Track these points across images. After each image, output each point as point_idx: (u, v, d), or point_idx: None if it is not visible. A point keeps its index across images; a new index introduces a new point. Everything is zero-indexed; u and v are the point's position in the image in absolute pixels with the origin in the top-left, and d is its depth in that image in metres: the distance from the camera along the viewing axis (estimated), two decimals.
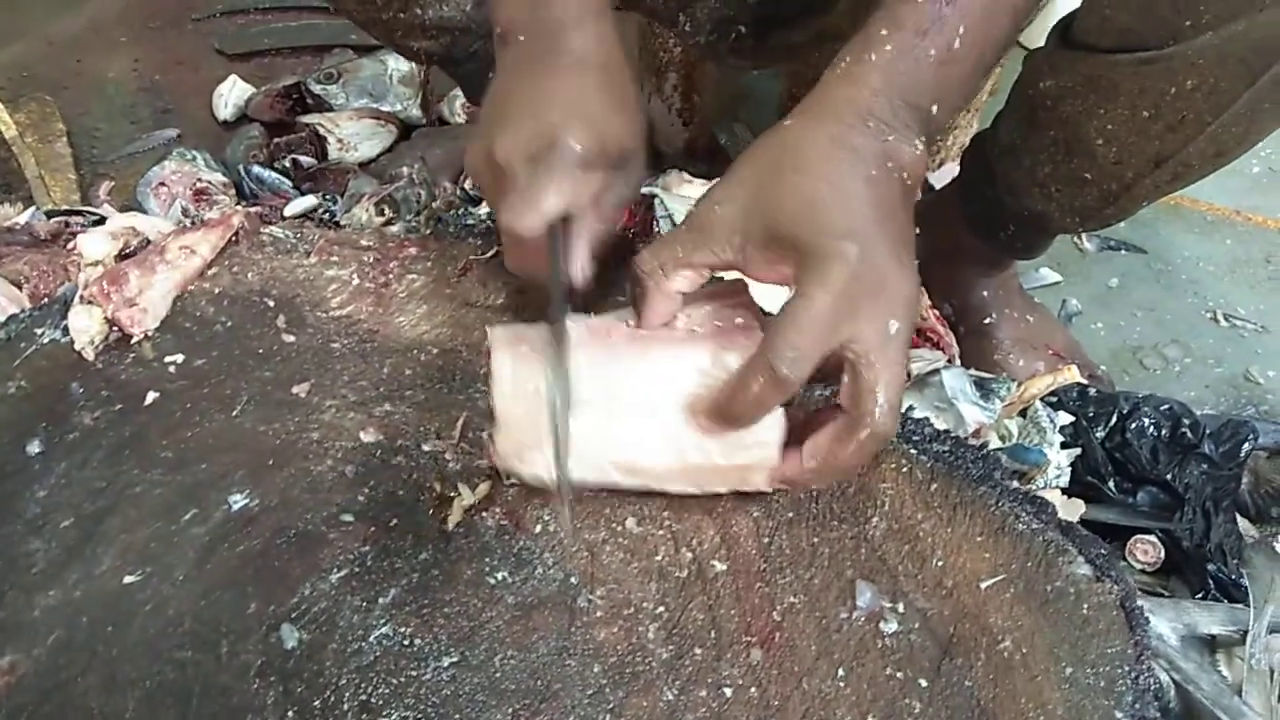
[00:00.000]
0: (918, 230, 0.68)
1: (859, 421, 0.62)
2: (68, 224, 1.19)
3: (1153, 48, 0.84)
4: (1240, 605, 0.86)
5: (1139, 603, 0.70)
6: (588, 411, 0.66)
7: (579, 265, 0.73)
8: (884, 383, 0.61)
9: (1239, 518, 1.05)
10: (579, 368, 0.66)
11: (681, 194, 1.19)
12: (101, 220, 1.24)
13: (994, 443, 1.06)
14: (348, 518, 0.69)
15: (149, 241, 0.91)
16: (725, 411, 0.64)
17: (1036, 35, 1.03)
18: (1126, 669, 0.66)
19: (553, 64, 0.75)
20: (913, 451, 0.77)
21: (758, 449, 0.67)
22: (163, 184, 1.44)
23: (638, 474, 0.69)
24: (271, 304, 0.86)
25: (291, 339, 0.83)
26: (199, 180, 1.44)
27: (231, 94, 1.67)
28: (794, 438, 0.67)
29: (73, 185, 1.51)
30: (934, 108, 0.68)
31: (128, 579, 0.67)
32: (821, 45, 1.28)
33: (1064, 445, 1.06)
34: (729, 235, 0.65)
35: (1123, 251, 1.50)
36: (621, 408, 0.66)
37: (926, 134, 0.68)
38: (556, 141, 0.70)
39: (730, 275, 0.71)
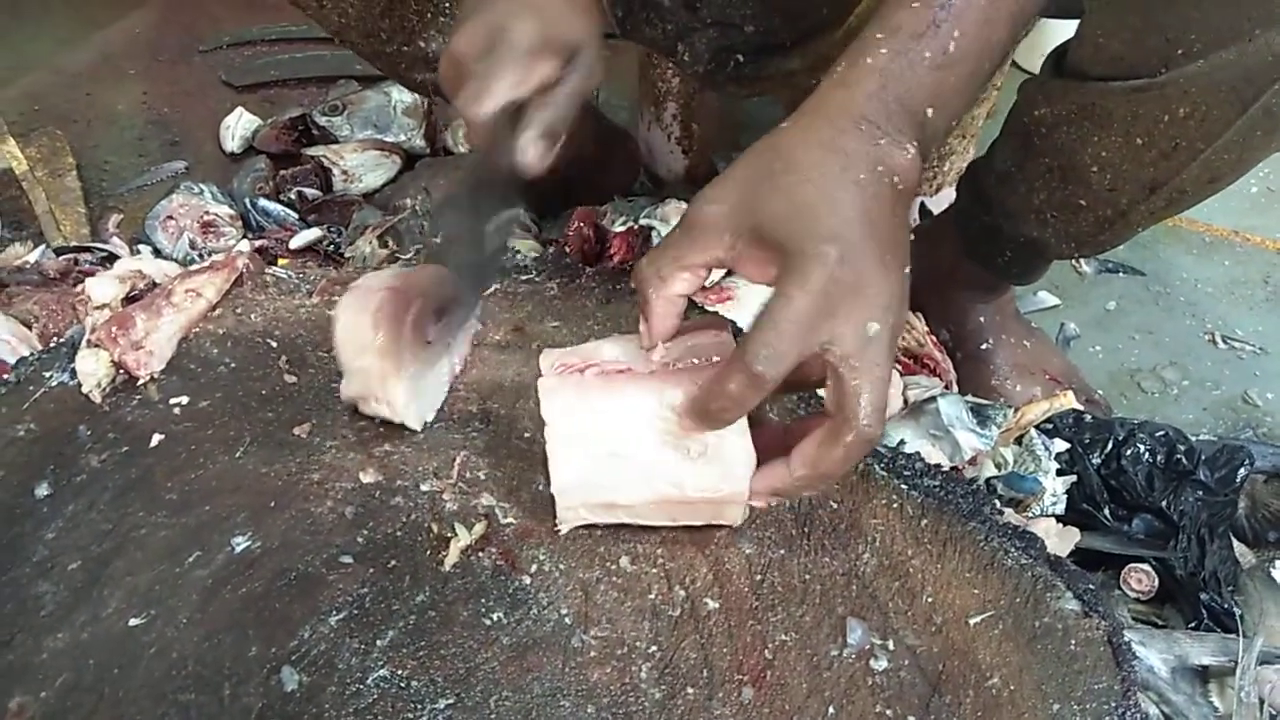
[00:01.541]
0: (914, 255, 0.67)
1: (844, 425, 0.62)
2: (76, 261, 1.21)
3: (1145, 75, 0.85)
4: (1233, 635, 0.87)
5: (1126, 637, 0.71)
6: (565, 454, 0.68)
7: (529, 149, 0.76)
8: (867, 385, 0.62)
9: (1236, 543, 1.06)
10: (554, 414, 0.68)
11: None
12: (110, 256, 1.27)
13: (989, 470, 1.08)
14: (347, 559, 0.71)
15: (155, 284, 0.93)
16: (703, 410, 0.65)
17: (1034, 58, 1.04)
18: (1113, 705, 0.67)
19: None
20: (903, 487, 0.79)
21: (728, 483, 0.68)
22: (170, 217, 1.46)
23: (613, 510, 0.71)
24: (274, 345, 0.88)
25: (293, 379, 0.85)
26: (206, 213, 1.46)
27: (238, 126, 1.70)
28: (780, 451, 0.67)
29: (82, 219, 1.54)
30: (929, 111, 0.68)
31: (133, 621, 0.69)
32: (817, 72, 1.29)
33: (1059, 472, 1.07)
34: (720, 234, 0.65)
35: (1121, 274, 1.51)
36: (596, 448, 0.68)
37: (921, 139, 0.68)
38: (504, 34, 0.74)
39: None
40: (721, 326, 0.74)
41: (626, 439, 0.68)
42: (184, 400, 0.83)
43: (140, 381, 0.85)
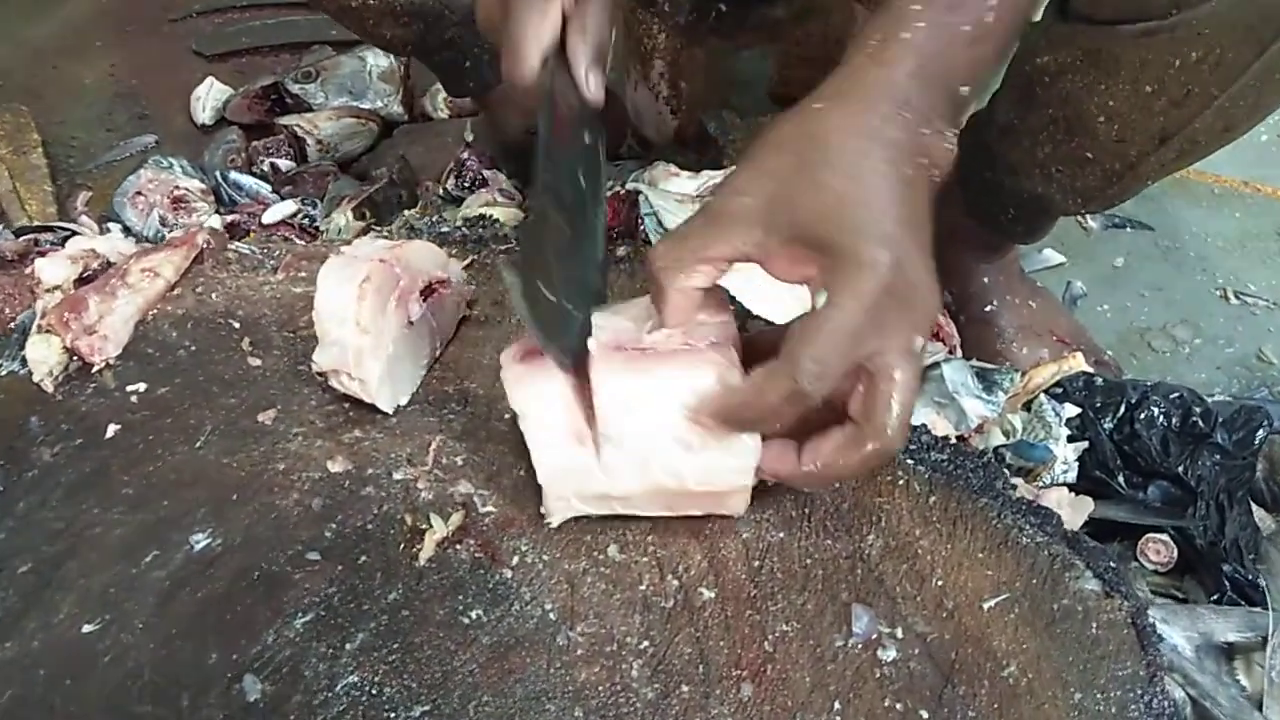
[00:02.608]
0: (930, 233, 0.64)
1: (869, 435, 0.59)
2: (36, 242, 1.15)
3: (1155, 18, 0.80)
4: (1258, 609, 0.82)
5: (1150, 618, 0.66)
6: (546, 441, 0.63)
7: (589, 83, 0.71)
8: (899, 398, 0.58)
9: (1255, 508, 1.01)
10: (526, 401, 0.64)
11: (667, 189, 1.15)
12: (73, 236, 1.21)
13: (998, 438, 1.03)
14: (314, 556, 0.66)
15: (110, 264, 0.87)
16: (734, 417, 0.61)
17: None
18: (1139, 692, 0.62)
19: None
20: (909, 462, 0.74)
21: (734, 475, 0.64)
22: (139, 193, 1.41)
23: (607, 501, 0.66)
24: (237, 325, 0.83)
25: (257, 362, 0.80)
26: (176, 188, 1.40)
27: (209, 96, 1.63)
28: (787, 433, 0.63)
29: (49, 197, 1.48)
30: (964, 90, 0.63)
31: (87, 628, 0.64)
32: (804, 21, 1.24)
33: (1070, 439, 1.02)
34: (749, 228, 0.60)
35: (1128, 229, 1.46)
36: (582, 435, 0.63)
37: (956, 122, 0.63)
38: None
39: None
40: (721, 305, 0.68)
41: (621, 426, 0.63)
42: (141, 387, 0.78)
43: (95, 368, 0.80)
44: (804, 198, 0.59)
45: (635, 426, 0.62)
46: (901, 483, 0.72)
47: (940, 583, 0.67)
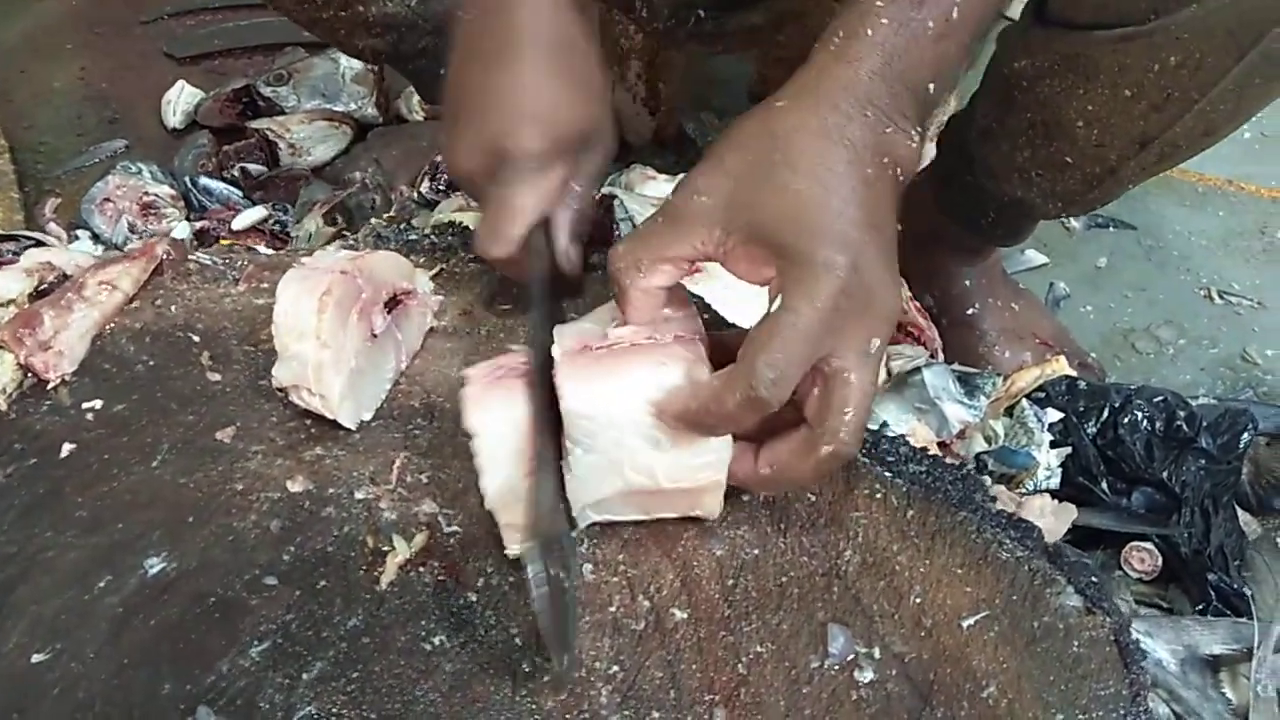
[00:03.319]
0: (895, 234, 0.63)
1: (822, 438, 0.58)
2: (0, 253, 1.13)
3: (1133, 23, 0.79)
4: (1244, 620, 0.81)
5: (1134, 634, 0.65)
6: (505, 473, 0.61)
7: (564, 255, 0.74)
8: (855, 402, 0.57)
9: (1240, 512, 1.00)
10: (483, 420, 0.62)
11: (643, 193, 1.13)
12: (39, 246, 1.19)
13: (979, 445, 1.01)
14: (271, 580, 0.64)
15: (67, 276, 0.85)
16: (695, 421, 0.59)
17: (1013, 3, 0.97)
18: (1121, 712, 0.61)
19: (500, 48, 0.72)
20: (887, 474, 0.72)
21: (707, 470, 0.62)
22: (108, 200, 1.39)
23: (580, 511, 0.64)
24: (196, 339, 0.80)
25: (217, 378, 0.78)
26: (145, 194, 1.38)
27: (180, 100, 1.61)
28: (752, 433, 0.62)
29: (16, 205, 1.45)
30: (930, 86, 0.62)
31: (36, 657, 0.61)
32: (782, 27, 1.22)
33: (1053, 444, 1.01)
34: (709, 228, 0.60)
35: (1111, 229, 1.45)
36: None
37: (921, 119, 0.63)
38: (506, 153, 0.70)
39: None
40: (683, 301, 0.66)
41: (589, 427, 0.61)
42: (97, 404, 0.76)
43: (50, 385, 0.77)
44: (762, 198, 0.58)
45: (603, 427, 0.61)
46: (879, 496, 0.71)
47: (918, 600, 0.65)
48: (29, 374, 0.78)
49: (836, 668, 0.62)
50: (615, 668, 0.61)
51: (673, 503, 0.65)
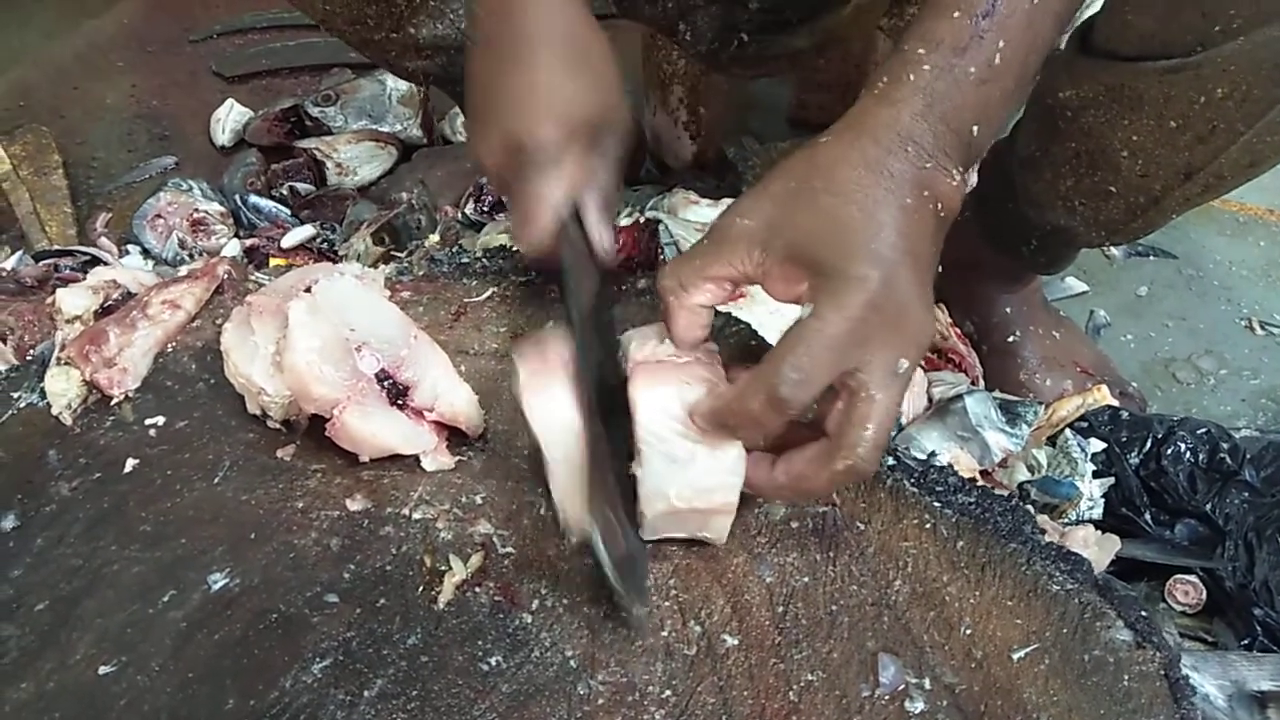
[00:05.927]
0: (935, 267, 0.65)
1: (840, 451, 0.59)
2: (56, 267, 1.16)
3: (1179, 55, 0.79)
4: None
5: (1183, 669, 0.65)
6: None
7: (599, 240, 0.76)
8: (876, 420, 0.59)
9: None
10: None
11: (687, 218, 1.14)
12: (94, 261, 1.21)
13: (1021, 474, 1.01)
14: (332, 598, 0.65)
15: (130, 294, 0.87)
16: (719, 419, 0.62)
17: None
18: None
19: (511, 47, 0.75)
20: (936, 505, 0.72)
21: (719, 494, 0.64)
22: (159, 216, 1.41)
23: None
24: None
25: None
26: (195, 211, 1.41)
27: (229, 118, 1.64)
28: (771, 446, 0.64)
29: (69, 219, 1.48)
30: (975, 129, 0.64)
31: (103, 669, 0.63)
32: (825, 50, 1.24)
33: (1096, 474, 1.01)
34: (749, 248, 0.63)
35: (1151, 257, 1.44)
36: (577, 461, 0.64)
37: (966, 161, 0.65)
38: (524, 147, 0.73)
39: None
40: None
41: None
42: (160, 421, 0.78)
43: (114, 401, 0.79)
44: (800, 219, 0.61)
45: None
46: (928, 526, 0.71)
47: (969, 631, 0.66)
48: (94, 390, 0.80)
49: (887, 697, 0.62)
50: (668, 692, 0.62)
51: (684, 522, 0.67)
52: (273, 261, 1.26)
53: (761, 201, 0.63)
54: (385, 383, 0.74)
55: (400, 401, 0.73)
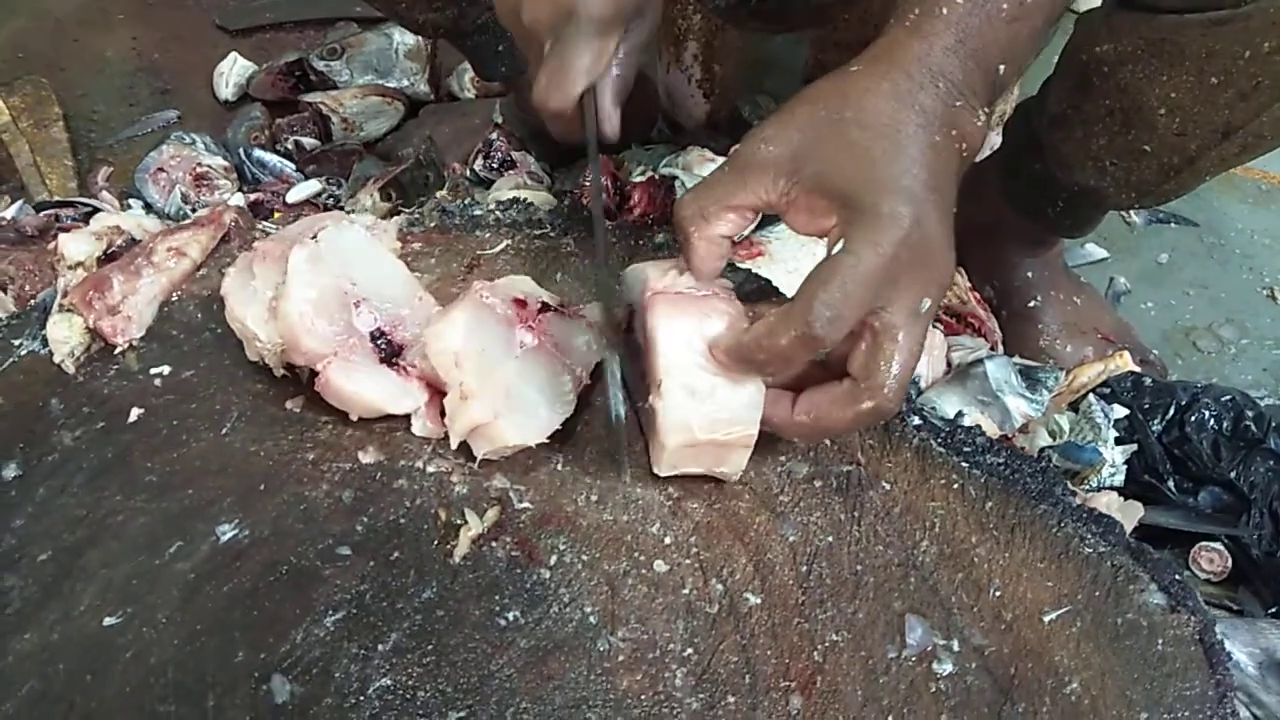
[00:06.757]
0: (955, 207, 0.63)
1: (866, 392, 0.59)
2: (58, 218, 1.13)
3: (1227, 6, 0.77)
4: None
5: (1218, 634, 0.63)
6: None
7: (609, 122, 0.76)
8: (902, 360, 0.58)
9: None
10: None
11: (702, 174, 1.12)
12: (95, 212, 1.19)
13: (1042, 439, 1.00)
14: (344, 550, 0.63)
15: (134, 241, 0.84)
16: (746, 356, 0.61)
17: None
18: (1208, 712, 0.59)
19: None
20: (964, 465, 0.71)
21: (738, 427, 0.63)
22: (161, 169, 1.38)
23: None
24: None
25: None
26: (199, 165, 1.38)
27: (232, 72, 1.60)
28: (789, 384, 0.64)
29: (69, 172, 1.45)
30: (1001, 68, 0.63)
31: (108, 620, 0.61)
32: (850, 5, 1.20)
33: (1119, 441, 0.99)
34: (774, 177, 0.61)
35: (1173, 225, 1.42)
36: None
37: (989, 100, 0.64)
38: (575, 13, 0.70)
39: None
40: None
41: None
42: (165, 370, 0.76)
43: (118, 349, 0.77)
44: (829, 150, 0.59)
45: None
46: (956, 487, 0.69)
47: (998, 593, 0.64)
48: (97, 338, 0.77)
49: (914, 659, 0.61)
50: (689, 650, 0.60)
51: (700, 457, 0.66)
52: (276, 216, 1.24)
53: (788, 129, 0.61)
54: (379, 341, 0.71)
55: (394, 360, 0.71)
